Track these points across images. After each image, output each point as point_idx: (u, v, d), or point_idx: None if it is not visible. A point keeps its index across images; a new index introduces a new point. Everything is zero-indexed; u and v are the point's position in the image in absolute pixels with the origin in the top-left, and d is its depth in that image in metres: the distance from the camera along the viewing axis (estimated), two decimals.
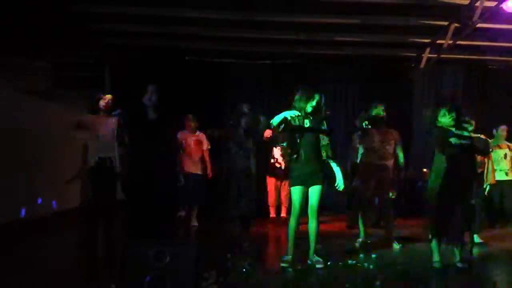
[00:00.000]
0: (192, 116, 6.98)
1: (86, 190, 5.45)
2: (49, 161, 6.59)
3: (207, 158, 6.97)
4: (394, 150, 5.64)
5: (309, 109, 4.65)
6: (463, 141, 4.49)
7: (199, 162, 6.91)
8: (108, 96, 5.48)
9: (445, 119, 4.58)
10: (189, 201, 6.87)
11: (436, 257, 4.67)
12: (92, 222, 5.38)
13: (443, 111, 4.58)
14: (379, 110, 5.61)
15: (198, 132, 7.01)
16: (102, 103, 5.43)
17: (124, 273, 3.46)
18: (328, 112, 4.86)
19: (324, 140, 4.71)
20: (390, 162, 5.61)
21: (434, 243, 4.66)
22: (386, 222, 5.78)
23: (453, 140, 4.47)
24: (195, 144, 6.91)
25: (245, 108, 6.57)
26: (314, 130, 4.67)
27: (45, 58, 7.29)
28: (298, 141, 4.64)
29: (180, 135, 6.85)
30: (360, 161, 5.76)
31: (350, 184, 7.48)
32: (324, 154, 4.70)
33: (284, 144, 4.74)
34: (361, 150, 5.73)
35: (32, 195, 6.23)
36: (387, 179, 5.58)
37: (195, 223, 6.86)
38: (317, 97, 4.65)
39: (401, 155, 5.68)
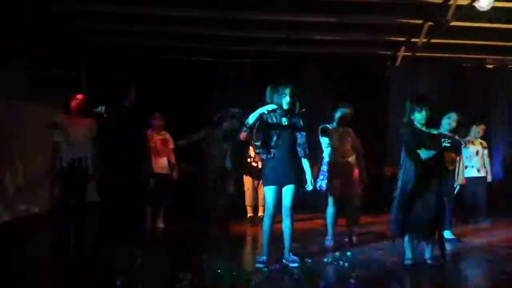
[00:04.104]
0: (160, 115, 6.88)
1: (56, 192, 5.39)
2: (24, 161, 6.50)
3: (172, 158, 6.88)
4: (353, 146, 5.74)
5: (285, 106, 4.64)
6: (430, 153, 4.58)
7: (165, 162, 6.84)
8: (79, 97, 5.41)
9: (419, 115, 4.64)
10: (154, 202, 6.77)
11: (408, 254, 4.74)
12: (63, 225, 5.32)
13: (419, 107, 4.64)
14: (346, 111, 5.70)
15: (164, 132, 6.92)
16: (73, 103, 5.37)
17: (96, 277, 3.45)
18: (303, 109, 4.84)
19: (302, 138, 4.71)
20: (352, 159, 5.73)
21: (406, 241, 4.74)
22: (349, 216, 5.87)
23: (422, 153, 4.58)
24: (161, 143, 6.82)
25: (235, 112, 6.58)
26: (292, 127, 4.65)
27: (21, 58, 7.19)
28: (274, 139, 4.62)
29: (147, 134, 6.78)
30: (327, 160, 5.84)
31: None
32: (301, 153, 4.72)
33: (258, 143, 4.69)
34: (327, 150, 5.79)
35: (4, 197, 6.14)
36: (352, 175, 5.68)
37: (161, 224, 6.77)
38: (288, 91, 4.62)
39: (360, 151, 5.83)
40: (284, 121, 4.66)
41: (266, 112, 4.55)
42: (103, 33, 8.01)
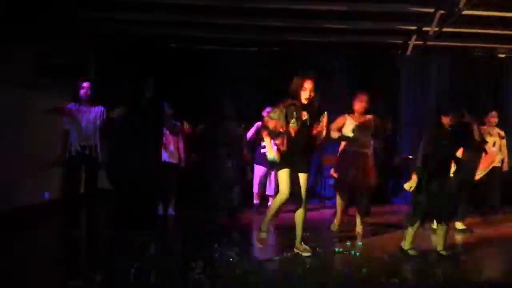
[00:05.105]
0: (167, 104, 6.85)
1: (66, 179, 5.44)
2: (32, 150, 6.50)
3: (181, 148, 6.89)
4: (375, 136, 5.72)
5: (304, 100, 4.61)
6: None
7: (175, 151, 6.83)
8: (86, 85, 5.42)
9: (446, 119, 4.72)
10: (165, 191, 6.81)
11: (407, 244, 4.78)
12: (73, 212, 5.33)
13: (451, 111, 4.72)
14: (362, 101, 5.65)
15: (173, 121, 6.90)
16: (81, 91, 5.39)
17: (109, 264, 3.45)
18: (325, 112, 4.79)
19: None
20: (369, 150, 5.68)
21: (410, 230, 4.76)
22: (360, 206, 5.84)
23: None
24: (171, 132, 6.81)
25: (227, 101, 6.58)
26: (312, 122, 4.65)
27: (29, 46, 7.15)
28: (292, 133, 4.61)
29: None
30: (342, 149, 5.81)
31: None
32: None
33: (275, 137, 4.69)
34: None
35: (14, 185, 6.14)
36: (368, 166, 5.63)
37: (172, 211, 6.85)
38: (309, 85, 4.59)
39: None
40: (304, 115, 4.64)
41: (285, 106, 4.57)
42: (112, 22, 7.95)
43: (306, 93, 4.58)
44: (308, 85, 4.57)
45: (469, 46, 8.70)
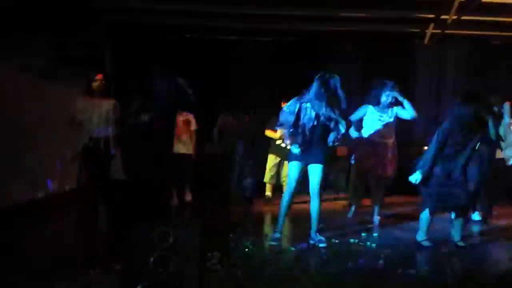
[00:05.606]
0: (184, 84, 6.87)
1: (80, 171, 5.49)
2: (49, 142, 6.58)
3: (193, 139, 6.95)
4: (395, 127, 5.68)
5: (325, 98, 4.60)
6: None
7: (188, 142, 6.89)
8: (98, 77, 5.42)
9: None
10: (178, 182, 6.89)
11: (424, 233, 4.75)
12: (91, 204, 5.38)
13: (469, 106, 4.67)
14: (392, 92, 5.58)
15: (186, 112, 6.94)
16: (94, 84, 5.39)
17: (128, 255, 3.48)
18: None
19: (338, 133, 4.75)
20: (390, 141, 5.62)
21: (425, 220, 4.71)
22: (375, 196, 5.80)
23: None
24: (183, 124, 6.86)
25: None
26: (328, 120, 4.65)
27: (45, 37, 7.21)
28: (307, 131, 4.64)
29: None
30: (360, 138, 5.79)
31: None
32: (331, 138, 4.74)
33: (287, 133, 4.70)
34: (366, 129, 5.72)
35: (30, 176, 6.22)
36: (387, 157, 5.59)
37: (189, 197, 6.96)
38: (333, 83, 4.57)
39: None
40: (321, 112, 4.62)
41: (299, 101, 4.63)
42: (128, 12, 7.97)
43: (328, 91, 4.57)
44: (327, 84, 4.54)
45: (488, 34, 8.55)
